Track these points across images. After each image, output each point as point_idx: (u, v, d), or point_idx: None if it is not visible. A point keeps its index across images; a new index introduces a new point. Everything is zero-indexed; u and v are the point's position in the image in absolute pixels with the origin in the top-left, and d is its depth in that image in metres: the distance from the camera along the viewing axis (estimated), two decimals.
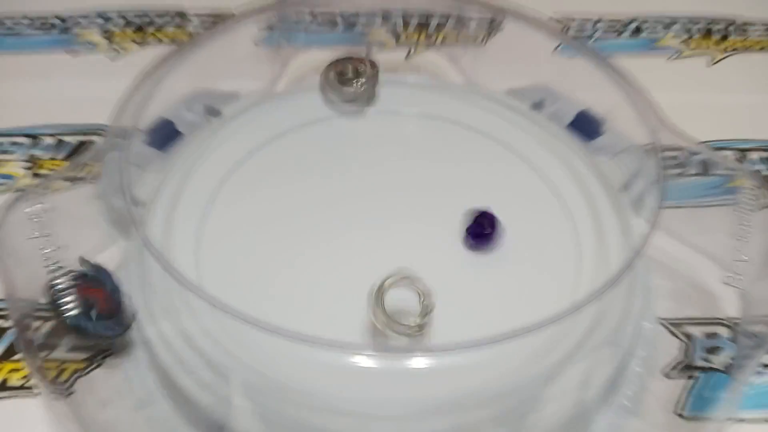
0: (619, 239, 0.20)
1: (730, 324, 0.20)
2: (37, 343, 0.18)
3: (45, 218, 0.18)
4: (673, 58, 0.31)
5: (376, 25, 0.29)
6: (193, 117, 0.23)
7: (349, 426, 0.16)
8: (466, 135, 0.23)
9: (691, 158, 0.21)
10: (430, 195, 0.21)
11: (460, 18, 0.27)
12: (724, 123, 0.28)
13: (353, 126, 0.23)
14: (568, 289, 0.18)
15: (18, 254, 0.17)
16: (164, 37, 0.31)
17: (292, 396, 0.16)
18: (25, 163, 0.26)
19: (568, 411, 0.16)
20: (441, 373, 0.16)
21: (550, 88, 0.24)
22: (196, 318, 0.17)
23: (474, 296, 0.18)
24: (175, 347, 0.17)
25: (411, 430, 0.16)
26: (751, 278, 0.18)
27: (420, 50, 0.30)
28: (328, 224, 0.20)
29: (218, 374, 0.16)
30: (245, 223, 0.20)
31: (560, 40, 0.22)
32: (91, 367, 0.18)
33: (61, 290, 0.16)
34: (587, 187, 0.21)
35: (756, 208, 0.19)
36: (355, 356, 0.16)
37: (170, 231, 0.19)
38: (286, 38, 0.27)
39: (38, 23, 0.32)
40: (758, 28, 0.32)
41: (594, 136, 0.23)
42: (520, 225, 0.20)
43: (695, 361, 0.19)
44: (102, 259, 0.19)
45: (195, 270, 0.18)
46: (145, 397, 0.18)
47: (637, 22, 0.33)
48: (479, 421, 0.16)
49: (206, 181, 0.21)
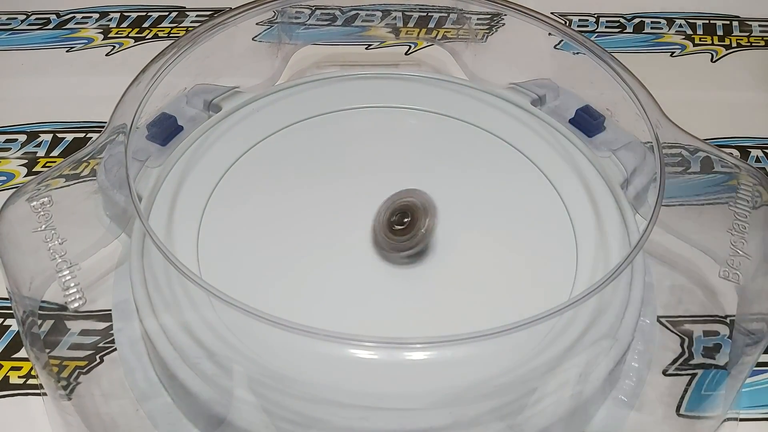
0: (619, 235, 0.20)
1: (729, 321, 0.20)
2: (43, 338, 0.18)
3: (48, 212, 0.18)
4: (676, 55, 0.31)
5: (376, 20, 0.29)
6: (194, 112, 0.23)
7: (350, 417, 0.16)
8: (467, 130, 0.23)
9: (691, 155, 0.21)
10: (431, 191, 0.21)
11: (461, 13, 0.27)
12: (726, 120, 0.28)
13: (354, 121, 0.23)
14: (568, 283, 0.18)
15: (22, 249, 0.17)
16: (162, 33, 0.31)
17: (293, 388, 0.16)
18: (23, 160, 0.26)
19: (566, 405, 0.16)
20: (441, 365, 0.16)
21: (552, 84, 0.24)
22: (198, 310, 0.17)
23: (474, 289, 0.18)
24: (176, 340, 0.17)
25: (411, 422, 0.16)
26: (749, 275, 0.18)
27: (421, 46, 0.30)
28: (329, 218, 0.20)
29: (220, 367, 0.16)
30: (246, 217, 0.20)
31: (562, 36, 0.21)
32: (92, 364, 0.18)
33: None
34: (588, 183, 0.21)
35: (755, 206, 0.19)
36: (356, 348, 0.16)
37: (171, 224, 0.19)
38: (286, 33, 0.27)
39: (35, 19, 0.32)
40: (762, 24, 0.32)
41: (595, 132, 0.23)
42: (520, 219, 0.20)
43: (694, 357, 0.19)
44: (103, 254, 0.19)
45: (196, 262, 0.18)
46: (146, 390, 0.18)
47: (640, 18, 0.33)
48: (478, 414, 0.16)
49: (207, 175, 0.21)
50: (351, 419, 0.16)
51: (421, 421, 0.16)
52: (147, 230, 0.16)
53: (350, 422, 0.16)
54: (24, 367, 0.20)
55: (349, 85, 0.24)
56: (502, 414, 0.16)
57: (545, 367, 0.16)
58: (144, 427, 0.17)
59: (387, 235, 0.18)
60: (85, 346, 0.19)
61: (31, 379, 0.19)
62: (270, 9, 0.23)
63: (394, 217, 0.19)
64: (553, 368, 0.16)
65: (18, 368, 0.20)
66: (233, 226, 0.20)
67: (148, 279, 0.18)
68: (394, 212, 0.19)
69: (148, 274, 0.18)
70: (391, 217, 0.19)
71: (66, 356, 0.18)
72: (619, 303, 0.18)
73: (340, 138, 0.23)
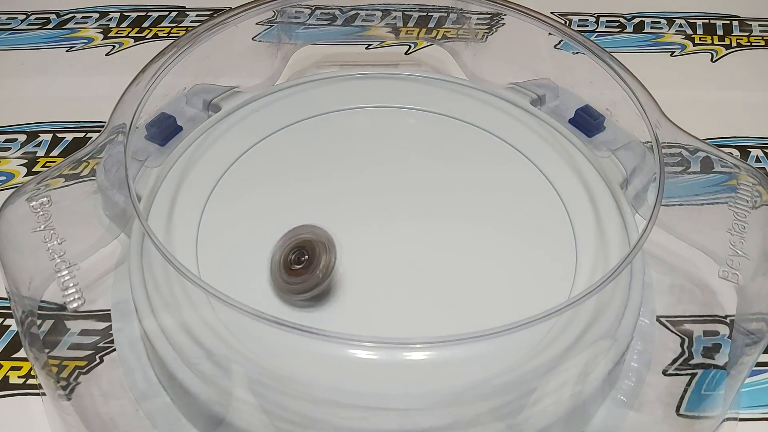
0: (618, 235, 0.20)
1: (729, 321, 0.20)
2: (42, 339, 0.18)
3: (48, 212, 0.18)
4: (676, 55, 0.31)
5: (376, 20, 0.29)
6: (193, 112, 0.23)
7: (350, 418, 0.16)
8: (467, 130, 0.23)
9: (691, 155, 0.21)
10: (430, 190, 0.21)
11: (461, 13, 0.27)
12: (726, 120, 0.28)
13: (353, 121, 0.23)
14: (568, 283, 0.18)
15: (21, 249, 0.17)
16: (162, 33, 0.31)
17: (293, 388, 0.16)
18: (23, 160, 0.26)
19: (565, 405, 0.16)
20: (440, 365, 0.16)
21: (551, 84, 0.24)
22: (197, 311, 0.17)
23: (473, 289, 0.18)
24: (175, 340, 0.17)
25: (411, 422, 0.16)
26: (749, 275, 0.18)
27: (420, 45, 0.30)
28: (327, 217, 0.20)
29: (219, 367, 0.16)
30: (245, 217, 0.20)
31: (561, 36, 0.21)
32: (92, 364, 0.18)
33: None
34: (587, 183, 0.21)
35: (755, 206, 0.19)
36: (355, 348, 0.16)
37: (171, 225, 0.19)
38: (286, 33, 0.27)
39: (35, 19, 0.32)
40: (762, 24, 0.32)
41: (594, 132, 0.23)
42: (520, 219, 0.20)
43: (694, 357, 0.19)
44: (102, 254, 0.19)
45: (195, 263, 0.18)
46: (145, 390, 0.18)
47: (640, 18, 0.33)
48: (478, 414, 0.16)
49: (206, 175, 0.21)
50: (351, 419, 0.16)
51: (421, 421, 0.16)
52: (146, 230, 0.16)
53: (350, 422, 0.16)
54: (23, 367, 0.20)
55: (348, 85, 0.24)
56: (502, 414, 0.16)
57: (544, 367, 0.16)
58: (143, 427, 0.17)
59: (283, 277, 0.17)
60: (84, 346, 0.19)
61: (31, 379, 0.19)
62: (270, 9, 0.23)
63: (292, 256, 0.17)
64: (552, 368, 0.16)
65: (17, 368, 0.20)
66: (232, 226, 0.20)
67: (148, 279, 0.18)
68: (291, 250, 0.17)
69: (147, 275, 0.18)
70: (289, 255, 0.17)
71: (65, 356, 0.18)
72: (619, 303, 0.18)
73: (339, 138, 0.23)
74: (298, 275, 0.17)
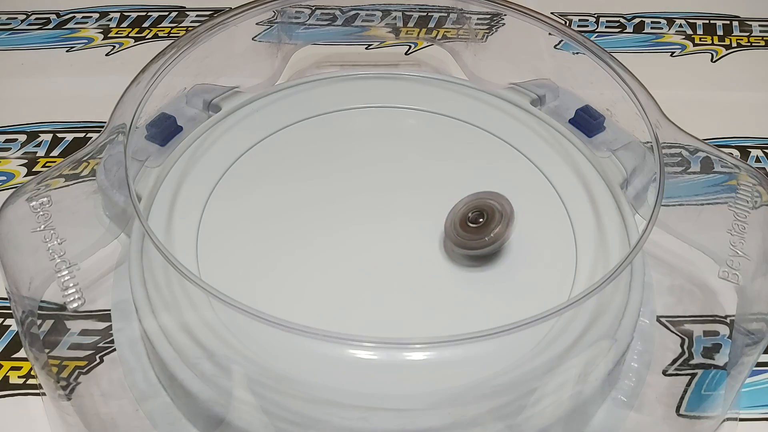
0: (618, 235, 0.20)
1: (729, 321, 0.20)
2: (42, 339, 0.18)
3: (48, 212, 0.18)
4: (676, 55, 0.31)
5: (376, 20, 0.29)
6: (194, 112, 0.23)
7: (350, 418, 0.16)
8: (467, 130, 0.23)
9: (691, 155, 0.21)
10: (430, 190, 0.21)
11: (461, 13, 0.27)
12: (726, 120, 0.28)
13: (353, 121, 0.23)
14: (568, 283, 0.18)
15: (21, 249, 0.17)
16: (162, 33, 0.31)
17: (293, 388, 0.16)
18: (23, 160, 0.26)
19: (565, 405, 0.16)
20: (441, 365, 0.16)
21: (551, 84, 0.24)
22: (197, 311, 0.17)
23: (474, 290, 0.18)
24: (175, 340, 0.17)
25: (411, 422, 0.16)
26: (749, 276, 0.18)
27: (421, 46, 0.30)
28: (328, 218, 0.20)
29: (219, 367, 0.16)
30: (245, 217, 0.20)
31: (561, 36, 0.21)
32: (92, 364, 0.18)
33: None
34: (587, 183, 0.21)
35: (755, 206, 0.19)
36: (355, 348, 0.16)
37: (171, 225, 0.19)
38: (286, 33, 0.27)
39: (35, 19, 0.32)
40: (762, 24, 0.32)
41: (594, 132, 0.23)
42: (520, 220, 0.20)
43: (694, 357, 0.19)
44: (102, 254, 0.19)
45: (195, 263, 0.18)
46: (145, 390, 0.18)
47: (640, 18, 0.33)
48: (478, 414, 0.16)
49: (206, 175, 0.21)
50: (350, 419, 0.16)
51: (421, 421, 0.16)
52: (146, 230, 0.16)
53: (350, 422, 0.16)
54: (23, 367, 0.20)
55: (348, 85, 0.24)
56: (502, 414, 0.16)
57: (544, 368, 0.16)
58: (143, 427, 0.17)
59: (456, 229, 0.18)
60: (84, 346, 0.19)
61: (31, 379, 0.19)
62: (270, 9, 0.23)
63: (471, 214, 0.18)
64: (552, 369, 0.16)
65: (17, 368, 0.20)
66: (232, 226, 0.20)
67: (148, 279, 0.18)
68: (474, 209, 0.18)
69: (147, 275, 0.18)
70: (470, 212, 0.18)
71: (65, 356, 0.18)
72: (619, 303, 0.18)
73: (339, 138, 0.23)
74: (469, 233, 0.18)
